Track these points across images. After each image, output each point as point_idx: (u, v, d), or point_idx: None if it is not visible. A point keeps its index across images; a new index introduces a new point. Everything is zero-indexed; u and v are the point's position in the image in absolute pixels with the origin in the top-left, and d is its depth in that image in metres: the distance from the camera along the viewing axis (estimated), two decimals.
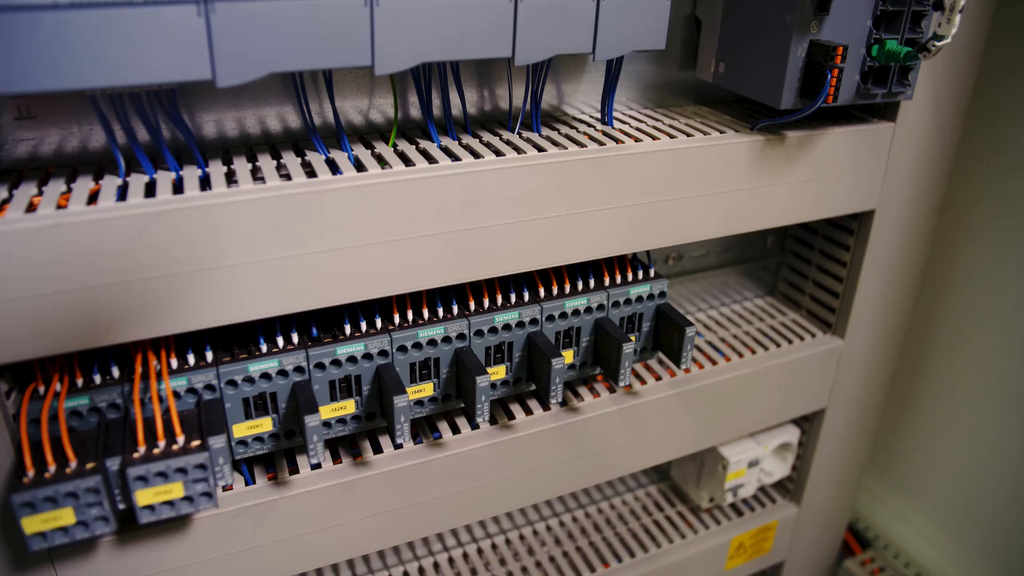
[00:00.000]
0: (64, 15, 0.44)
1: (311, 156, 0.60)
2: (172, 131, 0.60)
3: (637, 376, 0.81)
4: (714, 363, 0.85)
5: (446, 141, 0.65)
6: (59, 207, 0.50)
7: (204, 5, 0.47)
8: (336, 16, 0.51)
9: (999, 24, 0.84)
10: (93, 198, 0.52)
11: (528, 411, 0.74)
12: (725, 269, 0.96)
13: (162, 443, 0.55)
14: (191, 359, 0.59)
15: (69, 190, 0.53)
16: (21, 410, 0.54)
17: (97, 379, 0.57)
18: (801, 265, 0.97)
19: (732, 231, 0.75)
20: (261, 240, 0.54)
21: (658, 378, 0.81)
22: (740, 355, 0.88)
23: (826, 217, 0.81)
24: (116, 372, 0.58)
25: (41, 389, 0.56)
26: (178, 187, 0.55)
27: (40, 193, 0.53)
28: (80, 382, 0.57)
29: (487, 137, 0.67)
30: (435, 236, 0.60)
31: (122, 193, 0.53)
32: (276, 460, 0.66)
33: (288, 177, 0.57)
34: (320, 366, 0.62)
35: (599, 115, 0.74)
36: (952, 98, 0.83)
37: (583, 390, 0.78)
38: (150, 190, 0.54)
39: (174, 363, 0.59)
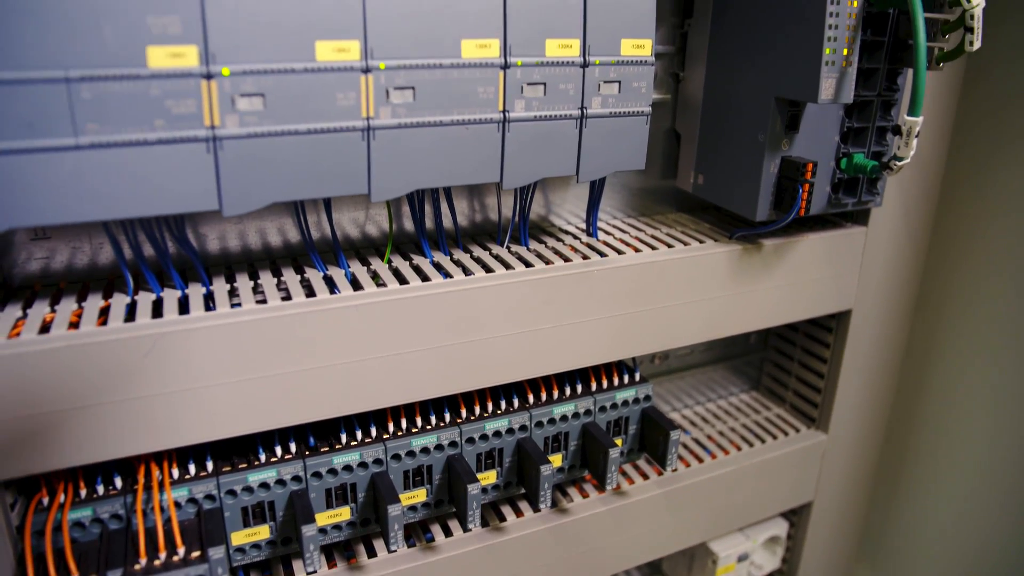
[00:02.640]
0: (83, 154, 0.48)
1: (310, 273, 0.63)
2: (178, 249, 0.63)
3: (625, 475, 0.82)
4: (700, 460, 0.87)
5: (438, 256, 0.68)
6: (71, 324, 0.53)
7: (213, 143, 0.51)
8: (335, 150, 0.54)
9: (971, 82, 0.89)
10: (103, 313, 0.55)
11: (519, 513, 0.75)
12: (711, 366, 0.99)
13: (163, 554, 0.56)
14: (192, 469, 0.61)
15: (80, 307, 0.56)
16: (26, 523, 0.56)
17: (100, 490, 0.59)
18: (784, 361, 0.99)
19: (714, 336, 0.77)
20: (262, 357, 0.57)
21: (646, 477, 0.82)
22: (726, 451, 0.89)
23: (804, 319, 0.84)
24: (119, 482, 0.59)
25: (45, 500, 0.57)
26: (183, 305, 0.57)
27: (53, 311, 0.55)
28: (84, 492, 0.59)
29: (477, 252, 0.70)
30: (429, 351, 0.62)
31: (130, 311, 0.56)
32: (272, 565, 0.67)
33: (288, 296, 0.59)
34: (317, 475, 0.64)
35: (585, 225, 0.78)
36: (920, 200, 0.88)
37: (572, 491, 0.79)
38: (157, 309, 0.57)
39: (175, 473, 0.61)
